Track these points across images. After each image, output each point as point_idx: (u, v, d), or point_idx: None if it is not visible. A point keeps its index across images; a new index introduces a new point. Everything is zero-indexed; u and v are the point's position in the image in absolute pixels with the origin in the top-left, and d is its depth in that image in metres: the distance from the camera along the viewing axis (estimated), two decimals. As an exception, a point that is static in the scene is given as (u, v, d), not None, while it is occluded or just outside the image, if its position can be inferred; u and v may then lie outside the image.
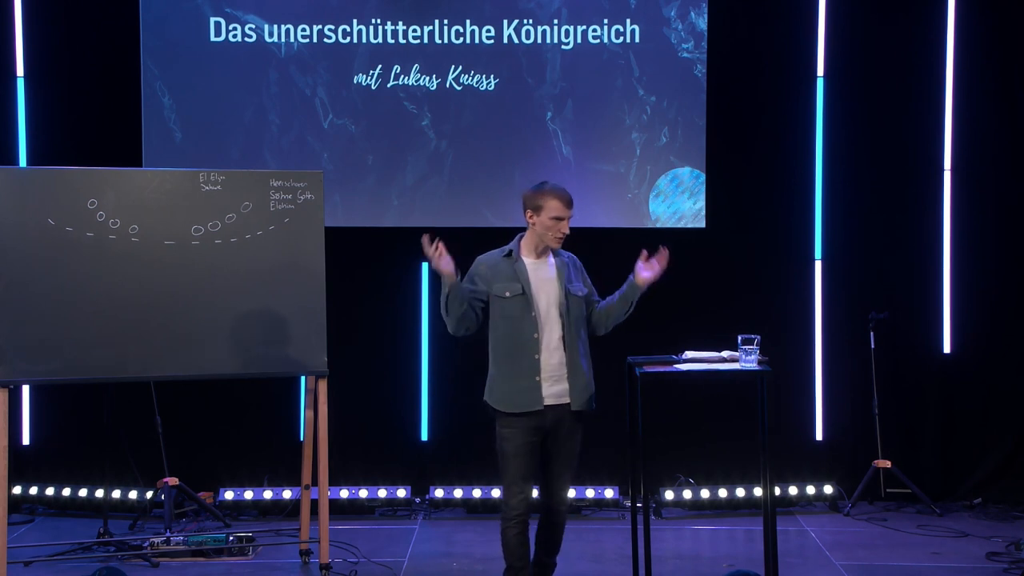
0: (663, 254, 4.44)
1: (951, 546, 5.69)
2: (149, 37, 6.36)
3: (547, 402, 4.28)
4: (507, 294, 4.31)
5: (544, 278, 4.37)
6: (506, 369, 4.33)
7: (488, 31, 6.41)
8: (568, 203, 4.34)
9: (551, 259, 4.41)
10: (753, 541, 5.73)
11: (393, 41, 6.41)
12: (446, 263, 4.22)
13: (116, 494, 6.19)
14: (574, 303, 4.38)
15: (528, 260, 4.38)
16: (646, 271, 4.42)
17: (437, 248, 4.24)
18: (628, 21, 6.41)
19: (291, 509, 6.13)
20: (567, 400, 4.32)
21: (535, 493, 4.40)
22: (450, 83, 6.42)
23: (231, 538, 5.53)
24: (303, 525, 5.41)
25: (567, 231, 4.36)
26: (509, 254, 4.41)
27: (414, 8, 6.40)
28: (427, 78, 6.42)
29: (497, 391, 4.34)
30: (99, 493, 6.18)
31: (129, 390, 5.97)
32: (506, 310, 4.31)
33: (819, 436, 6.58)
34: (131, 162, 6.28)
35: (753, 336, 4.40)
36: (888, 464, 6.34)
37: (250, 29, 6.39)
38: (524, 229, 4.45)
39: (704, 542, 5.89)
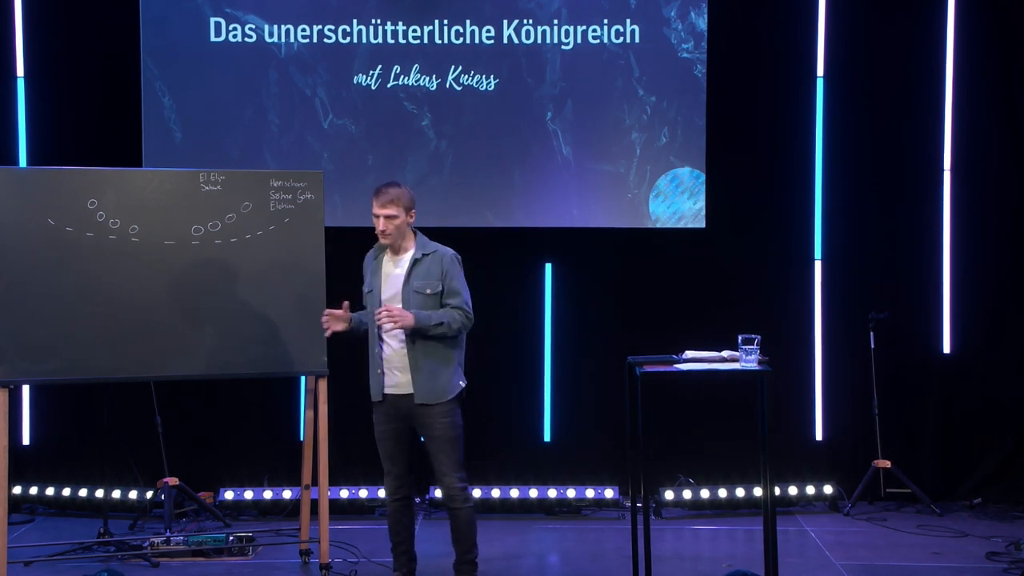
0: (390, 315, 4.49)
1: (951, 546, 5.69)
2: (149, 37, 6.36)
3: (388, 391, 4.58)
4: (365, 290, 4.67)
5: (393, 274, 4.61)
6: (368, 360, 4.68)
7: (488, 31, 6.41)
8: (380, 201, 4.56)
9: (409, 255, 4.61)
10: (753, 541, 5.73)
11: (393, 41, 6.41)
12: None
13: (116, 494, 6.19)
14: (415, 300, 4.53)
15: (388, 257, 4.65)
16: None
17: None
18: (628, 21, 6.41)
19: (291, 509, 6.12)
20: (411, 391, 4.54)
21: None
22: (450, 83, 6.42)
23: (231, 538, 5.53)
24: (303, 525, 5.41)
25: (383, 227, 4.55)
26: (380, 250, 4.70)
27: (414, 8, 6.40)
28: (427, 78, 6.42)
29: (367, 381, 4.69)
30: (99, 493, 6.18)
31: (129, 390, 5.97)
32: (368, 304, 4.66)
33: (819, 436, 6.58)
34: (131, 162, 6.28)
35: (753, 336, 4.40)
36: (888, 464, 6.34)
37: (250, 29, 6.39)
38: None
39: (704, 542, 5.89)
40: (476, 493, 6.30)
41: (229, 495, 6.30)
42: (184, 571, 5.29)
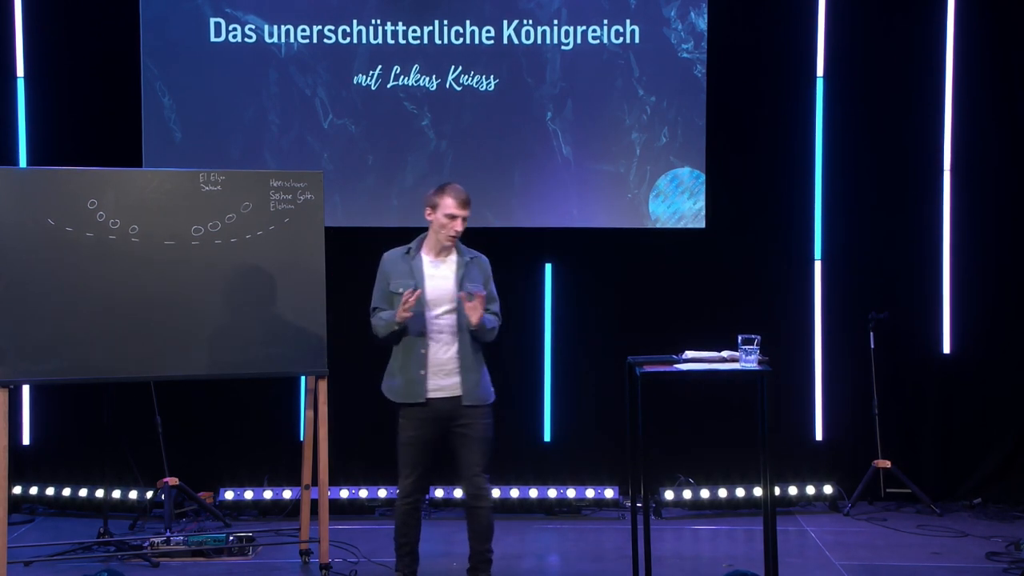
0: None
1: (951, 546, 5.69)
2: (149, 37, 6.36)
3: (431, 395, 4.50)
4: (400, 290, 4.50)
5: (440, 275, 4.56)
6: (396, 362, 4.60)
7: (488, 31, 6.41)
8: (462, 203, 4.52)
9: (452, 257, 4.59)
10: (753, 541, 5.73)
11: (393, 41, 6.41)
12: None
13: (116, 494, 6.19)
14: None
15: (427, 258, 4.59)
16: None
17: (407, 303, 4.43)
18: (628, 21, 6.41)
19: (291, 509, 6.13)
20: (459, 393, 4.52)
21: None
22: (450, 83, 6.42)
23: (231, 538, 5.53)
24: (303, 525, 5.41)
25: (459, 229, 4.53)
26: (409, 251, 4.62)
27: (414, 8, 6.40)
28: (427, 78, 6.42)
29: (389, 382, 4.62)
30: (99, 493, 6.18)
31: (129, 390, 5.97)
32: (390, 304, 4.56)
33: (819, 436, 6.58)
34: (131, 162, 6.28)
35: (753, 336, 4.41)
36: (888, 464, 6.34)
37: (250, 29, 6.39)
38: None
39: (704, 542, 5.89)
40: (476, 493, 6.31)
41: (229, 495, 6.30)
42: (184, 571, 5.29)
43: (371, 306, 4.67)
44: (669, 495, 6.30)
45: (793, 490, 6.38)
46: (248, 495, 6.29)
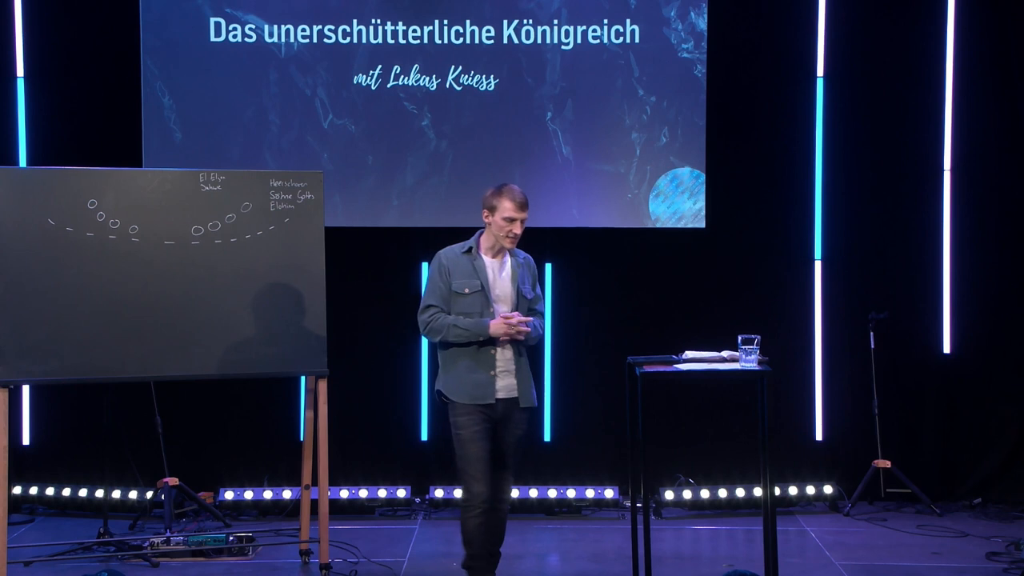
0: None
1: (951, 546, 5.69)
2: (149, 37, 6.36)
3: (499, 395, 4.47)
4: (466, 290, 4.48)
5: (500, 277, 4.55)
6: (463, 362, 4.49)
7: (488, 31, 6.41)
8: (521, 205, 4.47)
9: (507, 259, 4.58)
10: (753, 541, 5.73)
11: (393, 41, 6.41)
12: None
13: (116, 494, 6.19)
14: (523, 304, 4.57)
15: (486, 259, 4.55)
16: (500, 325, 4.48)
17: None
18: (628, 21, 6.41)
19: (291, 509, 6.13)
20: (516, 395, 4.51)
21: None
22: (450, 83, 6.42)
23: (231, 538, 5.53)
24: (303, 525, 5.41)
25: (519, 232, 4.49)
26: (469, 250, 4.56)
27: (414, 8, 6.40)
28: (427, 78, 6.42)
29: (453, 383, 4.51)
30: (99, 493, 6.18)
31: (129, 390, 5.97)
32: (463, 306, 4.49)
33: (819, 436, 6.58)
34: (131, 162, 6.28)
35: (753, 336, 4.41)
36: (888, 464, 6.34)
37: (250, 29, 6.39)
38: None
39: (704, 542, 5.89)
40: (476, 493, 6.31)
41: (229, 495, 6.30)
42: (184, 571, 5.29)
43: (424, 304, 4.57)
44: (669, 495, 6.30)
45: (793, 490, 6.38)
46: (248, 495, 6.29)
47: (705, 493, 6.33)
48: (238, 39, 6.39)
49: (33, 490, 6.36)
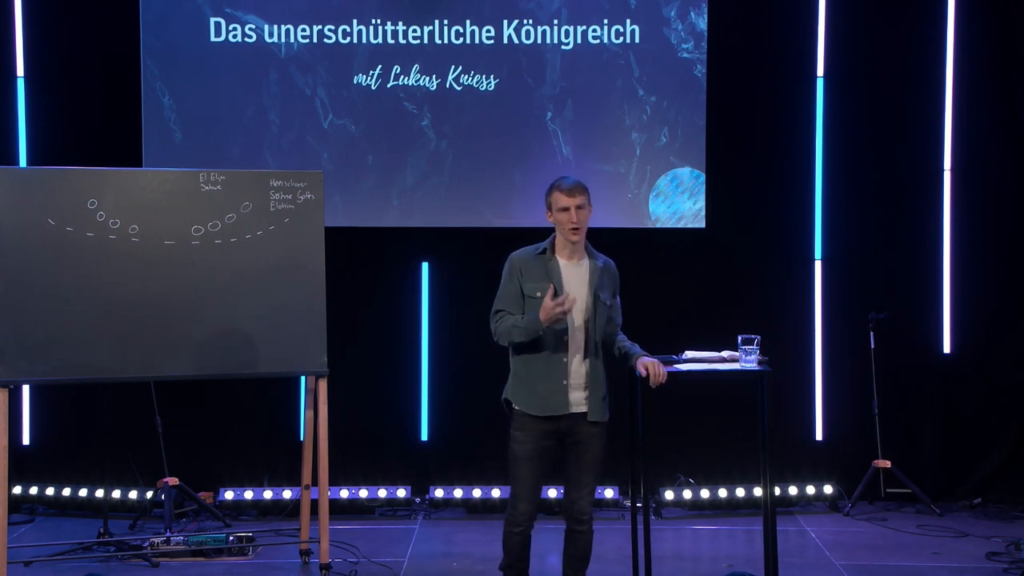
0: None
1: (951, 546, 5.69)
2: (149, 37, 6.36)
3: (572, 409, 4.22)
4: (538, 294, 4.17)
5: (576, 280, 4.24)
6: (533, 371, 4.23)
7: (488, 31, 6.41)
8: (570, 191, 4.20)
9: (585, 261, 4.29)
10: (753, 541, 5.73)
11: (393, 41, 6.41)
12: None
13: (116, 494, 6.19)
14: (601, 310, 4.26)
15: (561, 260, 4.26)
16: (642, 368, 4.24)
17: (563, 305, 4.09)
18: (628, 21, 6.41)
19: (291, 509, 6.13)
20: (584, 408, 4.25)
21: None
22: (450, 83, 6.42)
23: (231, 538, 5.53)
24: (303, 525, 5.41)
25: (576, 219, 4.19)
26: (543, 252, 4.29)
27: (414, 8, 6.40)
28: (427, 78, 6.42)
29: (522, 392, 4.26)
30: (99, 493, 6.19)
31: (129, 390, 5.96)
32: (536, 309, 4.14)
33: (819, 436, 6.58)
34: (131, 162, 6.28)
35: (753, 336, 4.40)
36: (888, 464, 6.34)
37: (250, 29, 6.39)
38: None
39: (704, 542, 5.89)
40: (476, 493, 6.31)
41: (229, 495, 6.30)
42: (184, 571, 5.29)
43: (494, 309, 4.28)
44: (669, 495, 6.30)
45: (793, 490, 6.38)
46: (248, 495, 6.30)
47: (705, 493, 6.33)
48: (238, 39, 6.39)
49: (33, 490, 6.36)
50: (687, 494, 6.30)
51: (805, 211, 6.55)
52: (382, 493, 6.34)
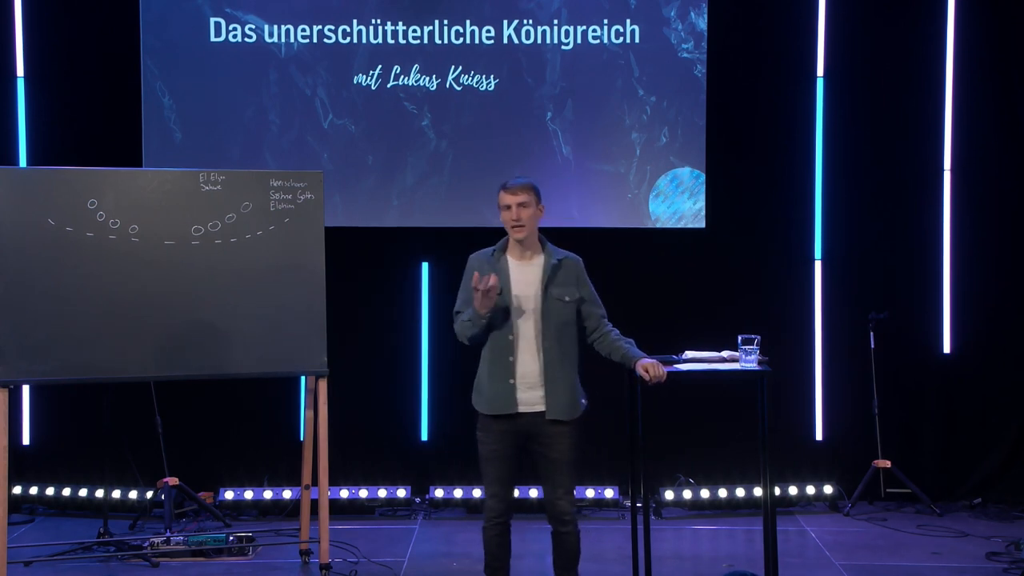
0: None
1: (951, 546, 5.69)
2: (149, 37, 6.36)
3: (521, 408, 4.21)
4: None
5: (524, 279, 4.26)
6: (487, 370, 4.28)
7: (488, 31, 6.41)
8: (512, 189, 4.22)
9: (538, 259, 4.30)
10: (753, 541, 5.73)
11: (393, 41, 6.41)
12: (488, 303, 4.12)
13: (116, 494, 6.19)
14: (554, 307, 4.25)
15: (511, 259, 4.30)
16: (642, 371, 4.22)
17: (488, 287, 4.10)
18: (628, 21, 6.41)
19: (291, 509, 6.13)
20: (542, 408, 4.22)
21: (516, 495, 4.31)
22: (450, 83, 6.42)
23: (231, 538, 5.53)
24: (303, 525, 5.41)
25: (517, 216, 4.20)
26: (493, 253, 4.34)
27: (414, 8, 6.41)
28: (427, 78, 6.42)
29: (476, 392, 4.34)
30: (99, 493, 6.19)
31: (129, 390, 5.97)
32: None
33: (819, 436, 6.58)
34: (131, 162, 6.28)
35: (753, 336, 4.40)
36: (888, 464, 6.34)
37: (250, 29, 6.39)
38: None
39: (704, 542, 5.89)
40: (476, 493, 6.31)
41: (229, 495, 6.30)
42: (184, 571, 5.29)
43: (454, 310, 4.34)
44: (669, 495, 6.30)
45: (793, 490, 6.38)
46: (248, 495, 6.30)
47: (705, 493, 6.33)
48: (238, 39, 6.39)
49: (33, 490, 6.36)
50: (687, 494, 6.31)
51: (805, 211, 6.55)
52: (382, 493, 6.34)
